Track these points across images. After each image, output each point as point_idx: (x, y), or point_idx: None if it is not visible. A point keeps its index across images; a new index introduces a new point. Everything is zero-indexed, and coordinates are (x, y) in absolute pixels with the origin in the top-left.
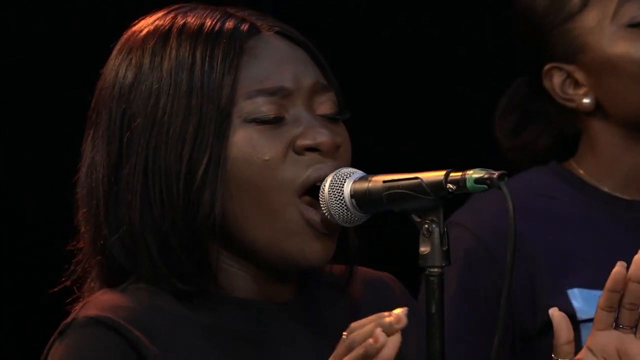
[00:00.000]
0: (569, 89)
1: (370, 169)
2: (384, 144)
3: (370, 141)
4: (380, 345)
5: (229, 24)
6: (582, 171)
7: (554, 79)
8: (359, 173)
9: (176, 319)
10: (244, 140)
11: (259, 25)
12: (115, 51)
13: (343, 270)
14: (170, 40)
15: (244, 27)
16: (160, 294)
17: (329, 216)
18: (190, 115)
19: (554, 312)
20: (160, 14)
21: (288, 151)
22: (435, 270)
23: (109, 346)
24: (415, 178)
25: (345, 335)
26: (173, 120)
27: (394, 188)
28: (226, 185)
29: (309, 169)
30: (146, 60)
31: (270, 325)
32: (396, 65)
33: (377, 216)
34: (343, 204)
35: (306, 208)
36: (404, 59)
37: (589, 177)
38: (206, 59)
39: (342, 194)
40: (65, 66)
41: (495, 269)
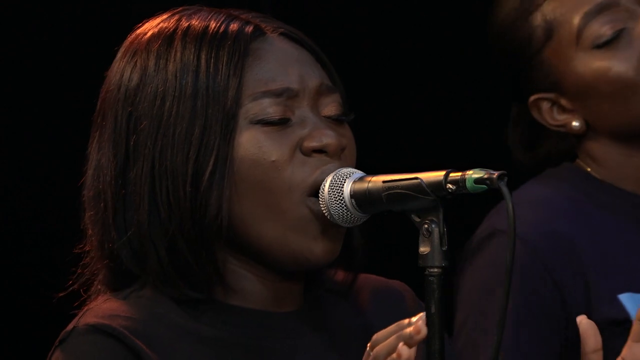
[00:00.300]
0: (558, 115)
1: (370, 169)
2: (384, 144)
3: (371, 141)
4: None
5: (234, 26)
6: (595, 172)
7: (541, 108)
8: (358, 173)
9: (177, 328)
10: (250, 142)
11: (264, 27)
12: (120, 54)
13: (347, 275)
14: (175, 43)
15: (249, 29)
16: (162, 302)
17: (329, 216)
18: (196, 117)
19: (582, 320)
20: (165, 17)
21: (295, 152)
22: (435, 270)
23: (110, 353)
24: (415, 178)
25: (369, 347)
26: (179, 122)
27: (393, 188)
28: (233, 186)
29: (317, 170)
30: (151, 63)
31: (275, 335)
32: (396, 66)
33: (377, 216)
34: (343, 204)
35: (315, 206)
36: (404, 59)
37: (603, 178)
38: (211, 61)
39: (342, 194)
40: (69, 69)
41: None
